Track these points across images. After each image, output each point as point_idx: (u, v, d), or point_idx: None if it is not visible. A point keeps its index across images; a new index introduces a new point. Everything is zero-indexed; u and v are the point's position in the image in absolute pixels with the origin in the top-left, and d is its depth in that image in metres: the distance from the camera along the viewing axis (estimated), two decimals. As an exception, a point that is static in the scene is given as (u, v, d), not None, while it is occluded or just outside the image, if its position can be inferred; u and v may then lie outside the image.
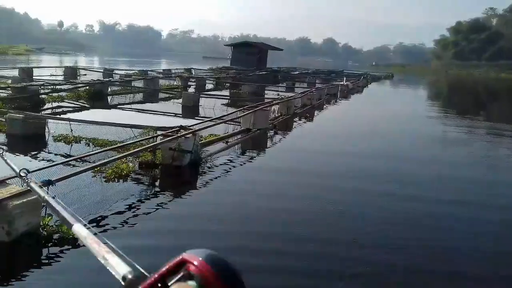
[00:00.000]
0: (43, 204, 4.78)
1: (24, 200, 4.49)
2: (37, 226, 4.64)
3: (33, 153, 8.28)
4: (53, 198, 4.97)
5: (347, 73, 47.92)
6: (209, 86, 26.54)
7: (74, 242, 4.56)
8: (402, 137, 13.23)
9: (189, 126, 8.53)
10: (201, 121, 10.60)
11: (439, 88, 49.12)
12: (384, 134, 13.61)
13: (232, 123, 11.04)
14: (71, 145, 8.78)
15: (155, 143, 7.40)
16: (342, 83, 28.09)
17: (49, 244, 4.55)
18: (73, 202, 5.55)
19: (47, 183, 4.85)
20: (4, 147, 8.51)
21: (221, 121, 10.38)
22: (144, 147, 7.04)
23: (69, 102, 15.30)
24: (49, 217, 4.78)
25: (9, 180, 4.85)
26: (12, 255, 4.40)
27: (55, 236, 4.63)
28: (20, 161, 7.89)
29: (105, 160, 6.10)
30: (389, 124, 15.99)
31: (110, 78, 22.53)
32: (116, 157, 6.29)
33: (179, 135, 7.67)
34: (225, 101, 19.12)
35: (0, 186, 4.67)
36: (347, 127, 14.72)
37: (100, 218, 5.41)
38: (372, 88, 37.58)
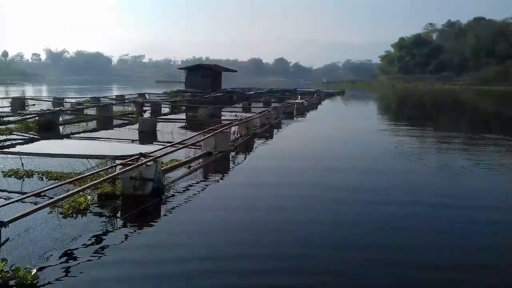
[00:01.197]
0: (-5, 248, 4.45)
1: (-26, 246, 4.10)
2: (-11, 274, 4.23)
3: (-19, 192, 7.71)
4: (7, 240, 4.66)
5: (301, 91, 48.86)
6: (165, 110, 26.17)
7: (32, 286, 4.22)
8: (359, 152, 13.45)
9: (149, 153, 8.23)
10: (162, 146, 10.31)
11: (388, 102, 50.93)
12: (342, 149, 13.84)
13: (193, 147, 10.81)
14: (23, 180, 8.26)
15: (114, 173, 7.07)
16: (297, 101, 28.51)
17: (5, 292, 4.16)
18: (29, 243, 5.18)
19: (0, 225, 4.51)
20: None
21: (182, 145, 10.16)
22: (103, 178, 6.71)
23: (18, 134, 14.54)
24: (4, 262, 4.39)
25: (-45, 224, 4.45)
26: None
27: (11, 282, 4.24)
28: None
29: (62, 196, 5.73)
30: (346, 140, 16.28)
31: (61, 107, 21.72)
32: (73, 191, 5.93)
33: (139, 163, 7.37)
34: (183, 125, 18.86)
35: None
36: (307, 145, 14.84)
37: (59, 256, 5.05)
38: (325, 104, 38.44)
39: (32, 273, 4.31)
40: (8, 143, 13.14)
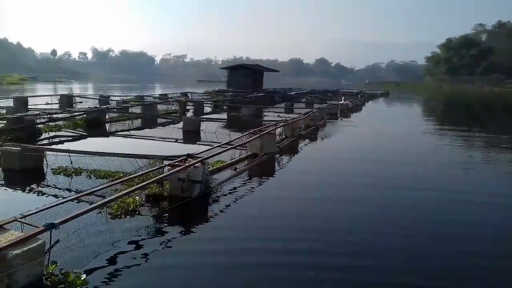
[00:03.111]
0: (46, 251, 4.32)
1: (25, 248, 3.96)
2: (40, 277, 4.09)
3: (32, 188, 7.77)
4: (57, 241, 4.53)
5: (343, 92, 47.83)
6: (207, 109, 26.19)
7: (82, 293, 4.06)
8: (411, 156, 12.78)
9: (196, 154, 8.05)
10: (208, 147, 10.12)
11: (436, 104, 49.05)
12: (394, 155, 13.20)
13: (238, 148, 10.55)
14: (72, 178, 8.29)
15: (163, 174, 6.90)
16: (341, 102, 27.81)
17: (54, 298, 4.01)
18: (78, 244, 5.06)
19: (50, 227, 4.38)
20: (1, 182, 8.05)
21: (229, 147, 9.90)
22: (152, 179, 6.54)
23: (66, 131, 14.83)
24: (53, 265, 4.26)
25: (7, 225, 4.36)
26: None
27: (60, 286, 4.09)
28: (19, 199, 7.39)
29: (112, 197, 5.59)
30: (396, 144, 15.58)
31: (107, 105, 22.11)
32: (123, 192, 5.78)
33: (187, 164, 7.18)
34: (225, 124, 18.73)
35: (-3, 233, 4.15)
36: (354, 147, 14.26)
37: (106, 259, 4.91)
38: (370, 106, 37.37)
39: (82, 278, 4.15)
40: (57, 140, 13.39)
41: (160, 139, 14.63)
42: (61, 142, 12.99)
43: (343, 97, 33.43)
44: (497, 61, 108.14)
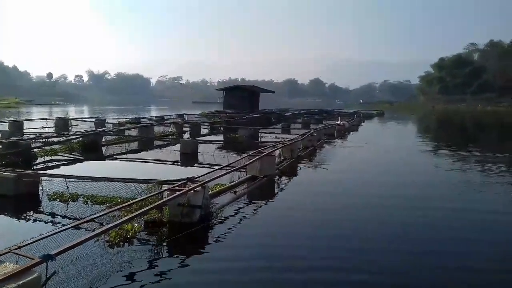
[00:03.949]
0: (42, 283, 4.12)
1: (20, 282, 3.77)
2: (35, 312, 3.89)
3: (27, 215, 7.56)
4: (54, 273, 4.33)
5: (339, 112, 47.98)
6: (204, 131, 26.10)
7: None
8: (412, 178, 12.67)
9: (196, 178, 7.88)
10: (208, 170, 9.95)
11: (430, 124, 49.25)
12: (391, 175, 13.09)
13: (238, 170, 10.39)
14: (68, 204, 8.08)
15: (162, 200, 6.72)
16: (338, 122, 27.81)
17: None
18: (74, 276, 4.86)
19: (47, 258, 4.21)
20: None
21: (230, 169, 9.75)
22: (151, 206, 6.36)
23: (62, 155, 14.63)
24: (49, 299, 4.06)
25: (2, 256, 4.16)
26: None
27: (57, 323, 3.88)
28: (14, 226, 7.17)
29: (110, 225, 5.41)
30: (394, 164, 15.51)
31: (104, 128, 21.96)
32: (122, 220, 5.60)
33: (187, 189, 7.02)
34: (222, 146, 18.60)
35: (-9, 266, 3.95)
36: (354, 168, 14.14)
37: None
38: (366, 126, 37.43)
39: (80, 313, 3.94)
40: (53, 164, 13.19)
41: (158, 162, 14.46)
42: (57, 167, 12.78)
43: (339, 117, 33.47)
44: (489, 80, 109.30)
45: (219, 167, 10.22)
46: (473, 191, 10.98)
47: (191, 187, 7.11)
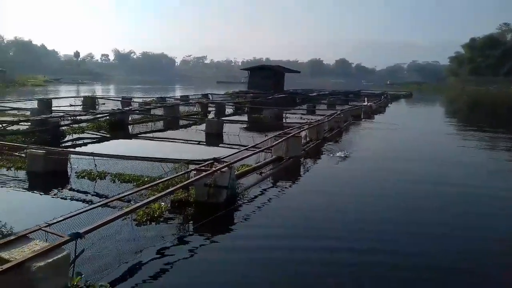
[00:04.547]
0: (71, 261, 4.13)
1: (49, 260, 3.76)
2: (64, 290, 3.90)
3: (56, 192, 7.65)
4: (82, 251, 4.34)
5: (366, 93, 47.05)
6: (228, 110, 26.03)
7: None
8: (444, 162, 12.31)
9: (222, 158, 7.80)
10: (233, 150, 9.88)
11: (461, 106, 47.82)
12: (422, 160, 12.73)
13: (264, 151, 10.27)
14: (96, 182, 8.13)
15: (189, 180, 6.67)
16: (365, 103, 27.28)
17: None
18: (103, 253, 4.87)
19: (76, 236, 4.19)
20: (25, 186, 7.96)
21: (257, 150, 9.64)
22: (178, 186, 6.32)
23: (90, 133, 14.81)
24: (78, 277, 4.06)
25: (32, 234, 4.18)
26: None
27: (85, 300, 3.89)
28: (43, 203, 7.28)
29: (138, 204, 5.39)
30: (423, 147, 15.10)
31: (130, 107, 22.11)
32: (149, 199, 5.58)
33: (214, 169, 6.95)
34: (247, 126, 18.50)
35: (21, 243, 3.95)
36: (381, 151, 13.82)
37: (132, 268, 4.73)
38: (393, 107, 36.63)
39: (108, 292, 3.94)
40: (81, 142, 13.36)
41: (183, 141, 14.49)
42: (85, 144, 12.96)
43: (365, 98, 32.84)
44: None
45: (245, 147, 10.11)
46: None
47: (217, 168, 7.03)
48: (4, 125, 13.31)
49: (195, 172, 7.01)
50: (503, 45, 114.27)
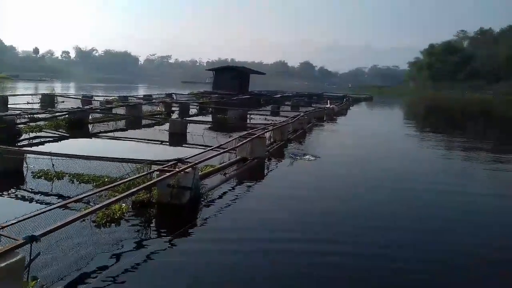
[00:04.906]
0: (26, 265, 3.96)
1: (3, 264, 3.59)
2: (18, 295, 3.73)
3: (11, 193, 7.33)
4: (38, 254, 4.17)
5: (329, 96, 47.86)
6: (192, 111, 25.82)
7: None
8: (400, 161, 12.70)
9: (186, 159, 7.72)
10: (197, 150, 9.81)
11: (418, 109, 49.46)
12: (381, 158, 13.09)
13: (228, 151, 10.24)
14: (53, 182, 7.85)
15: (152, 181, 6.55)
16: (327, 106, 27.75)
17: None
18: (59, 257, 4.71)
19: (31, 239, 4.02)
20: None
21: (222, 151, 9.59)
22: (140, 186, 6.19)
23: (47, 132, 14.30)
24: (33, 281, 3.91)
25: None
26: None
27: (41, 306, 3.74)
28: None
29: (98, 206, 5.24)
30: (382, 147, 15.52)
31: (91, 106, 21.53)
32: (110, 200, 5.44)
33: (177, 170, 6.86)
34: (211, 127, 18.41)
35: (-29, 246, 3.76)
36: (342, 152, 14.11)
37: (90, 272, 4.60)
38: (355, 110, 37.46)
39: (65, 297, 3.80)
40: (38, 141, 12.89)
41: (145, 141, 14.24)
42: (42, 143, 12.50)
43: (328, 101, 33.40)
44: (479, 68, 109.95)
45: (210, 148, 10.05)
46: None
47: (181, 168, 6.95)
48: (-45, 122, 12.65)
49: (158, 172, 6.91)
50: (461, 51, 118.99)
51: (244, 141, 10.48)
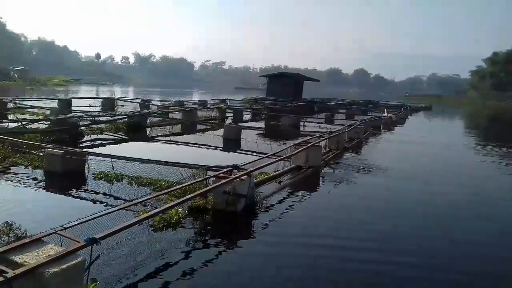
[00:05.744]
0: (86, 267, 3.97)
1: (64, 266, 3.61)
2: (77, 298, 3.74)
3: (73, 193, 7.56)
4: (98, 257, 4.19)
5: (385, 104, 46.46)
6: (246, 117, 25.91)
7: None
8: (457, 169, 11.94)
9: (241, 165, 7.62)
10: (252, 157, 9.73)
11: (482, 120, 46.91)
12: (447, 174, 12.39)
13: (283, 159, 10.05)
14: (112, 184, 8.03)
15: (208, 187, 6.50)
16: (385, 115, 26.88)
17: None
18: (118, 259, 4.72)
19: (91, 242, 4.04)
20: (42, 185, 7.90)
21: (278, 158, 9.44)
22: (197, 192, 6.16)
23: (108, 134, 14.79)
24: (93, 284, 3.91)
25: (46, 237, 4.03)
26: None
27: (100, 311, 3.72)
28: (60, 203, 7.19)
29: (157, 210, 5.24)
30: (444, 164, 14.72)
31: (149, 110, 22.16)
32: (168, 205, 5.43)
33: (233, 177, 6.77)
34: (264, 133, 18.32)
35: (35, 246, 3.81)
36: (403, 164, 13.44)
37: (147, 275, 4.60)
38: (413, 119, 36.03)
39: (123, 302, 3.76)
40: (99, 142, 13.34)
41: (200, 146, 14.35)
42: (103, 145, 12.92)
43: (385, 110, 32.38)
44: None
45: (265, 155, 9.90)
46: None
47: (236, 175, 6.85)
48: (23, 123, 13.38)
49: (213, 179, 6.85)
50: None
51: (300, 149, 10.25)
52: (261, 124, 23.57)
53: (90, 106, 24.04)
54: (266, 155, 9.75)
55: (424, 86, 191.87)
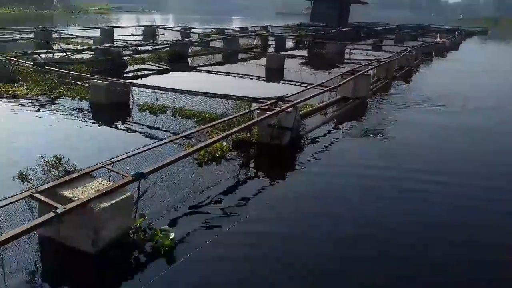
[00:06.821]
0: (134, 202, 3.99)
1: (113, 201, 3.62)
2: (127, 231, 3.78)
3: (118, 124, 7.61)
4: (145, 192, 4.19)
5: (437, 29, 43.43)
6: (288, 44, 25.01)
7: (169, 254, 3.69)
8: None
9: (286, 97, 7.34)
10: (297, 88, 9.37)
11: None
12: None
13: (329, 90, 9.62)
14: (157, 116, 8.00)
15: (253, 120, 6.30)
16: (437, 40, 25.17)
17: (141, 257, 3.68)
18: (165, 192, 4.72)
19: (140, 177, 4.02)
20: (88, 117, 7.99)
21: (324, 89, 9.03)
22: (242, 126, 6.01)
23: (150, 64, 14.68)
24: (141, 218, 3.93)
25: (94, 171, 4.04)
26: (99, 270, 3.56)
27: (148, 246, 3.75)
28: (106, 136, 7.27)
29: (202, 144, 5.17)
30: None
31: (191, 38, 21.74)
32: (213, 140, 5.33)
33: (279, 109, 6.53)
34: (308, 62, 17.67)
35: (83, 181, 3.82)
36: (463, 93, 12.44)
37: (193, 208, 4.60)
38: (467, 45, 33.69)
39: (170, 237, 3.77)
40: (142, 73, 13.29)
41: (242, 76, 14.05)
42: (146, 76, 12.88)
43: (438, 35, 30.30)
44: None
45: (309, 86, 9.52)
46: None
47: (282, 108, 6.61)
48: (68, 53, 13.43)
49: (258, 111, 6.63)
50: None
51: (347, 79, 9.76)
52: (304, 52, 22.75)
53: (132, 35, 23.82)
54: (311, 86, 9.37)
55: (480, 7, 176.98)
